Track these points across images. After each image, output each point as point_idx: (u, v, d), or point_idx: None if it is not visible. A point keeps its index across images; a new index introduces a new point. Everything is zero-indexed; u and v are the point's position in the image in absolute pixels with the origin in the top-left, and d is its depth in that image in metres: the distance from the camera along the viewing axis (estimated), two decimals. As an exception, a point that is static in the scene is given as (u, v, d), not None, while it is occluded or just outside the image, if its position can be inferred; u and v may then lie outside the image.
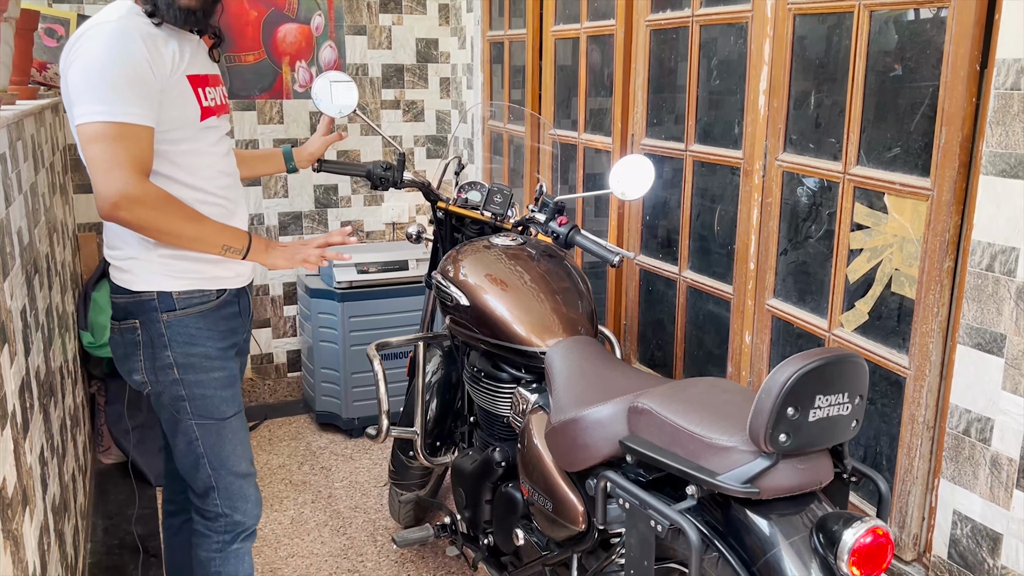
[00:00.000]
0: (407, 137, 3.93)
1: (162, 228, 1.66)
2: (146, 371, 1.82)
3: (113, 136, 1.58)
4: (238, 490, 1.91)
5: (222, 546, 1.92)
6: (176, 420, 1.85)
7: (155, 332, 1.79)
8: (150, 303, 1.78)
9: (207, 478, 1.88)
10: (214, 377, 1.85)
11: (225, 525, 1.91)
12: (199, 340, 1.82)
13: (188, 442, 1.86)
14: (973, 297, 1.55)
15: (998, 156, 1.49)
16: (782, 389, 1.26)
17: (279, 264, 1.86)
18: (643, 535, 1.41)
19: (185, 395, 1.83)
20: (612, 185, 2.11)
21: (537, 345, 1.95)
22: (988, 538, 1.58)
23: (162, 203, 1.65)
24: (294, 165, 2.26)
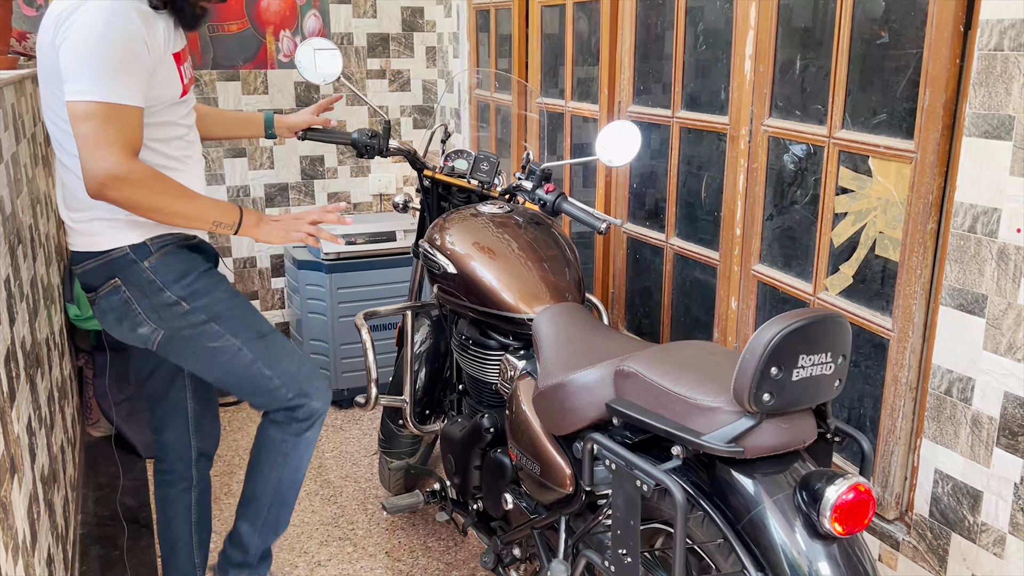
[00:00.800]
0: (393, 107, 3.90)
1: (151, 206, 1.66)
2: (151, 320, 1.80)
3: (104, 116, 1.59)
4: (304, 377, 1.91)
5: (299, 432, 1.94)
6: (210, 347, 1.83)
7: (143, 281, 1.78)
8: (124, 258, 1.77)
9: (268, 379, 1.87)
10: (225, 289, 1.86)
11: (304, 413, 1.91)
12: (189, 270, 1.82)
13: (232, 356, 1.84)
14: (956, 258, 1.57)
15: (981, 117, 1.49)
16: (766, 349, 1.28)
17: (271, 239, 1.85)
18: (629, 496, 1.43)
19: (207, 317, 1.82)
20: (599, 151, 2.10)
21: (525, 312, 1.96)
22: (968, 496, 1.60)
23: (151, 181, 1.64)
24: (273, 132, 2.24)
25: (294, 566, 2.51)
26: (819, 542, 1.30)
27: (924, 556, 1.70)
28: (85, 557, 2.54)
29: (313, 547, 2.60)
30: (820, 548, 1.30)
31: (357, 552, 2.58)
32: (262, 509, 1.99)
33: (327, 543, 2.63)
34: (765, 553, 1.32)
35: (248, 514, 2.01)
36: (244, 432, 3.35)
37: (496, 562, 2.06)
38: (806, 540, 1.30)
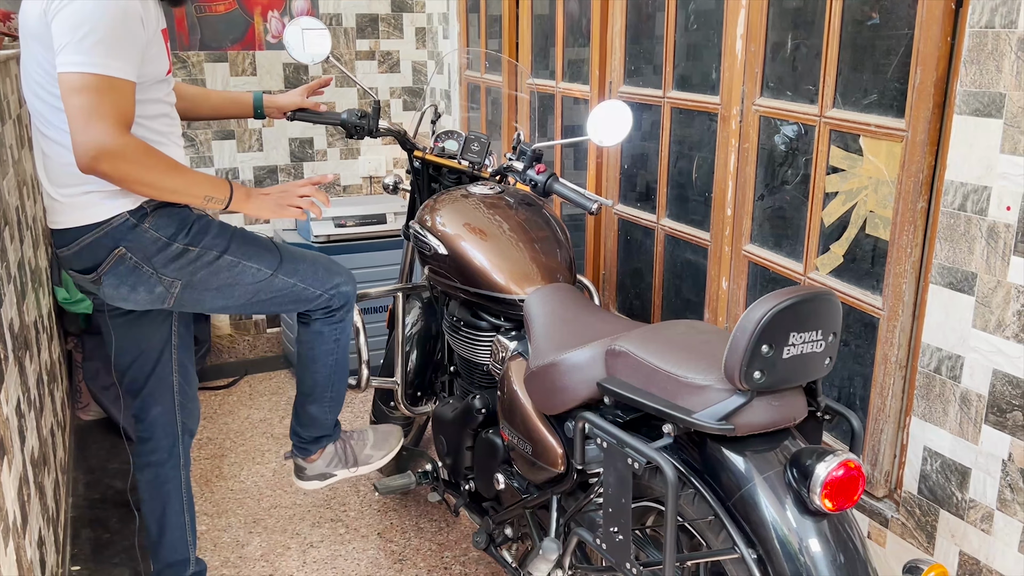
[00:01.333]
0: (383, 89, 3.88)
1: (144, 180, 1.66)
2: (166, 275, 1.81)
3: (98, 89, 1.57)
4: (324, 272, 2.01)
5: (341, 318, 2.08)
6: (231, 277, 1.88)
7: (148, 241, 1.78)
8: (125, 224, 1.76)
9: (294, 287, 1.95)
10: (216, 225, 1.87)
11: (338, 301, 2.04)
12: (184, 219, 1.83)
13: (254, 277, 1.90)
14: (945, 237, 1.57)
15: (972, 95, 1.49)
16: (757, 326, 1.28)
17: (262, 213, 1.85)
18: (621, 474, 1.43)
19: (218, 252, 1.85)
20: (590, 131, 2.10)
21: (516, 293, 1.96)
22: (957, 472, 1.62)
23: (143, 155, 1.64)
24: (262, 112, 2.22)
25: (286, 547, 2.51)
26: (809, 518, 1.31)
27: (912, 533, 1.72)
28: (76, 539, 2.53)
29: (305, 529, 2.61)
30: (810, 524, 1.30)
31: (349, 533, 2.59)
32: (327, 388, 2.16)
33: (319, 525, 2.63)
34: (756, 530, 1.33)
35: (314, 398, 2.16)
36: (234, 415, 3.34)
37: (488, 542, 2.07)
38: (796, 517, 1.31)
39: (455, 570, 2.41)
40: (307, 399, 2.18)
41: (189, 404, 2.07)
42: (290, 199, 1.88)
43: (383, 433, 2.34)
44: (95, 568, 2.41)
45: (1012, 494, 1.52)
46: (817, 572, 1.28)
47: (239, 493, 2.80)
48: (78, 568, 2.40)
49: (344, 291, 2.06)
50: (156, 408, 2.02)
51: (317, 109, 2.28)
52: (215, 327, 3.78)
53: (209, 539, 2.54)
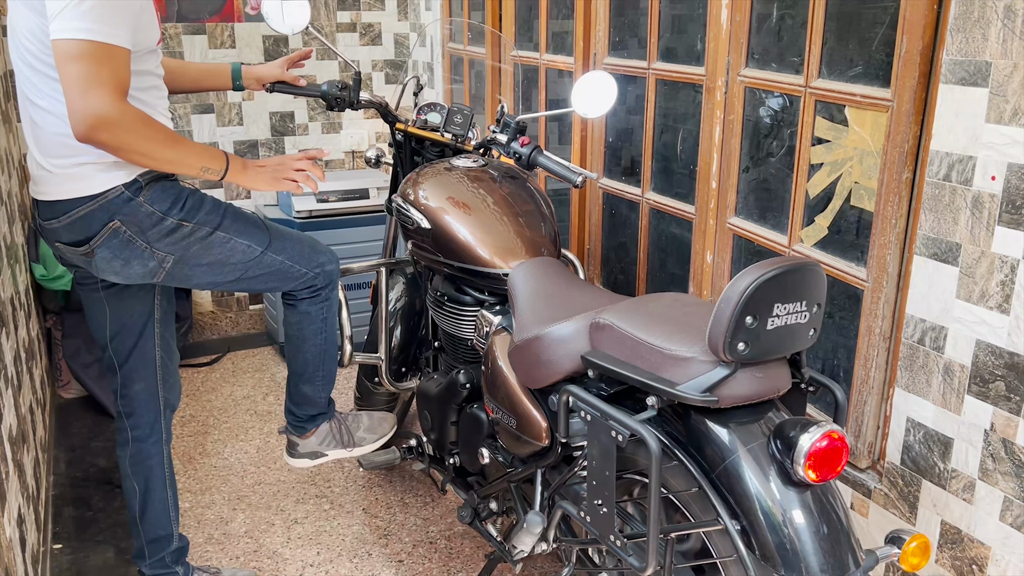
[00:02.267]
0: (364, 61, 3.82)
1: (140, 150, 1.63)
2: (159, 250, 1.79)
3: (95, 55, 1.54)
4: (309, 250, 2.01)
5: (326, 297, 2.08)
6: (222, 253, 1.87)
7: (143, 215, 1.76)
8: (120, 197, 1.74)
9: (282, 264, 1.96)
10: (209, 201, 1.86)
11: (323, 280, 2.04)
12: (178, 193, 1.81)
13: (244, 254, 1.90)
14: (930, 207, 1.57)
15: (958, 64, 1.48)
16: (741, 298, 1.27)
17: (259, 185, 1.84)
18: (604, 446, 1.43)
19: (210, 228, 1.84)
20: (574, 103, 2.07)
21: (500, 267, 1.94)
22: (939, 443, 1.62)
23: (141, 125, 1.61)
24: (241, 84, 2.18)
25: (270, 524, 2.50)
26: (793, 489, 1.31)
27: (895, 503, 1.73)
28: (59, 518, 2.52)
29: (289, 505, 2.60)
30: (794, 495, 1.31)
31: (334, 509, 2.58)
32: (319, 367, 2.16)
33: (303, 501, 2.62)
34: (739, 501, 1.33)
35: (306, 377, 2.16)
36: (217, 393, 3.32)
37: (473, 516, 2.07)
38: (780, 487, 1.31)
39: (440, 545, 2.41)
40: (299, 379, 2.18)
41: (170, 379, 2.06)
42: (286, 172, 1.87)
43: (378, 419, 2.35)
44: (78, 546, 2.39)
45: (994, 464, 1.53)
46: (800, 543, 1.28)
47: (223, 470, 2.79)
48: (60, 546, 2.39)
49: (329, 270, 2.06)
50: (138, 383, 2.00)
51: (296, 83, 2.24)
52: (196, 304, 3.74)
53: (193, 516, 2.53)
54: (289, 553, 2.38)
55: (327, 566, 2.33)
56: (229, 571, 2.24)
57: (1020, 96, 1.39)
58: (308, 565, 2.33)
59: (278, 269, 1.98)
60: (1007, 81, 1.41)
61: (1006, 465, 1.51)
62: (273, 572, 2.31)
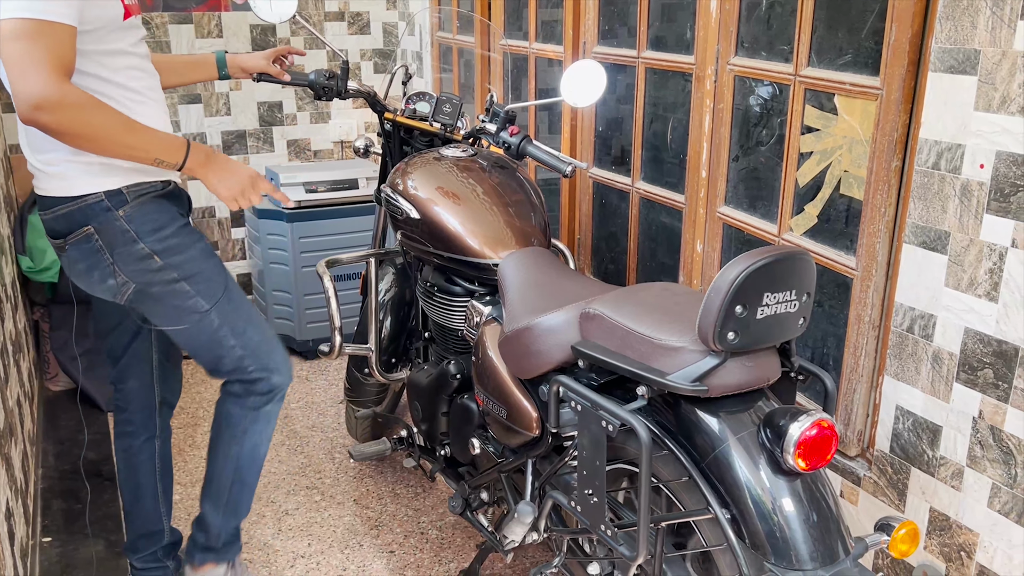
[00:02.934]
0: (353, 51, 3.80)
1: (86, 133, 1.54)
2: (122, 272, 1.72)
3: (32, 33, 1.47)
4: (267, 350, 1.87)
5: (257, 406, 1.90)
6: (179, 306, 1.77)
7: (117, 230, 1.69)
8: (99, 204, 1.68)
9: (231, 348, 1.82)
10: (197, 248, 1.78)
11: (264, 387, 1.88)
12: (165, 222, 1.74)
13: (200, 319, 1.78)
14: (919, 196, 1.57)
15: (947, 52, 1.48)
16: (730, 287, 1.27)
17: (219, 189, 1.72)
18: (595, 436, 1.43)
19: (179, 276, 1.75)
20: (563, 92, 2.06)
21: (490, 257, 1.93)
22: (928, 431, 1.63)
23: (86, 107, 1.53)
24: (227, 72, 2.16)
25: (261, 515, 2.50)
26: (783, 478, 1.31)
27: (884, 491, 1.74)
28: (47, 511, 2.50)
29: (280, 497, 2.60)
30: (784, 484, 1.31)
31: (325, 500, 2.58)
32: (223, 489, 1.95)
33: (294, 492, 2.62)
34: (730, 490, 1.33)
35: (210, 494, 1.97)
36: (208, 384, 3.31)
37: (464, 506, 2.07)
38: (770, 476, 1.31)
39: (431, 535, 2.42)
40: (206, 490, 1.97)
41: (169, 378, 2.04)
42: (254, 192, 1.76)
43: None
44: (67, 539, 2.38)
45: (982, 451, 1.53)
46: (790, 531, 1.28)
47: (213, 462, 2.77)
48: (49, 539, 2.38)
49: (274, 381, 1.88)
50: (132, 380, 1.98)
51: (280, 76, 2.22)
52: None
53: (183, 508, 2.52)
54: (280, 544, 2.38)
55: (318, 557, 2.33)
56: (220, 563, 2.23)
57: (1009, 84, 1.39)
58: (299, 556, 2.33)
59: (224, 353, 1.82)
60: (996, 69, 1.41)
61: (994, 452, 1.51)
62: (264, 563, 2.30)
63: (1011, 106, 1.39)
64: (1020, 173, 1.40)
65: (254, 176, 1.77)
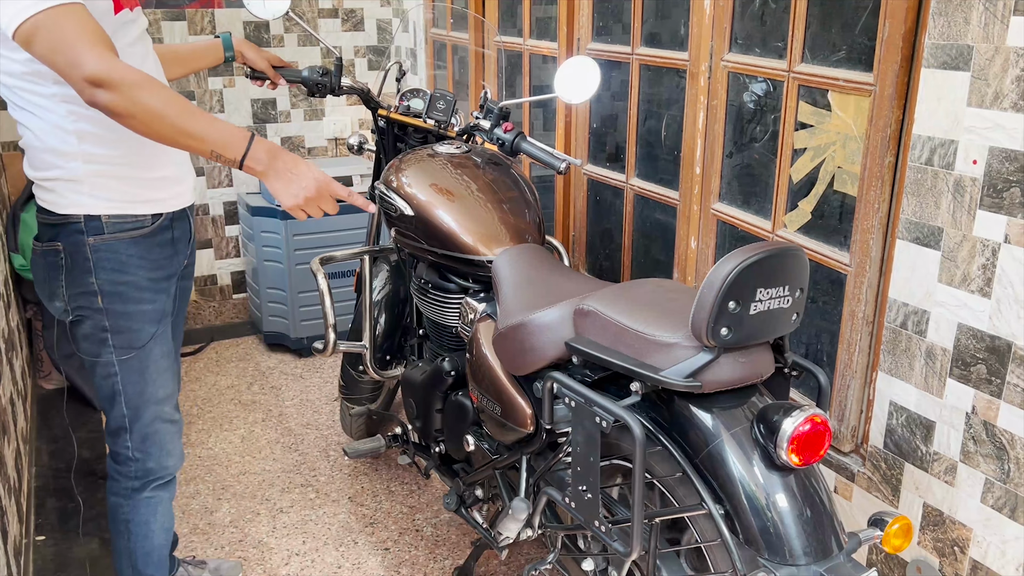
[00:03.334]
0: (347, 48, 3.79)
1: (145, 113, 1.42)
2: (68, 298, 1.67)
3: (50, 25, 1.40)
4: (155, 435, 1.76)
5: (131, 493, 1.79)
6: (96, 352, 1.70)
7: (80, 256, 1.64)
8: (76, 226, 1.63)
9: (121, 417, 1.74)
10: (142, 309, 1.69)
11: (135, 471, 1.77)
12: (128, 268, 1.66)
13: (106, 375, 1.72)
14: (913, 192, 1.57)
15: (939, 48, 1.48)
16: (723, 283, 1.27)
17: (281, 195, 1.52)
18: (589, 432, 1.43)
19: (108, 326, 1.67)
20: (557, 88, 2.06)
21: (484, 254, 1.93)
22: (922, 426, 1.63)
23: (142, 83, 1.41)
24: (232, 55, 2.12)
25: (256, 513, 2.50)
26: (776, 473, 1.31)
27: (878, 486, 1.74)
28: (41, 509, 2.50)
29: (275, 495, 2.59)
30: (777, 479, 1.31)
31: (320, 498, 2.58)
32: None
33: (289, 490, 2.62)
34: (723, 485, 1.33)
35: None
36: (201, 382, 3.30)
37: (459, 503, 2.07)
38: (763, 472, 1.31)
39: (426, 532, 2.41)
40: None
41: None
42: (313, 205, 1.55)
43: None
44: (61, 537, 2.38)
45: (975, 446, 1.54)
46: (784, 526, 1.29)
47: (207, 460, 2.77)
48: (43, 538, 2.37)
49: (148, 466, 1.77)
50: None
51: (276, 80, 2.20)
52: (180, 293, 3.71)
53: (178, 506, 2.51)
54: (275, 542, 2.38)
55: (313, 555, 2.32)
56: (214, 562, 2.23)
57: (1001, 80, 1.39)
58: (294, 554, 2.33)
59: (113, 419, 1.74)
60: (989, 65, 1.41)
61: (987, 447, 1.52)
62: (259, 562, 2.30)
63: (1004, 102, 1.40)
64: (1013, 169, 1.40)
65: (324, 181, 1.55)
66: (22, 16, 1.41)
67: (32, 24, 1.40)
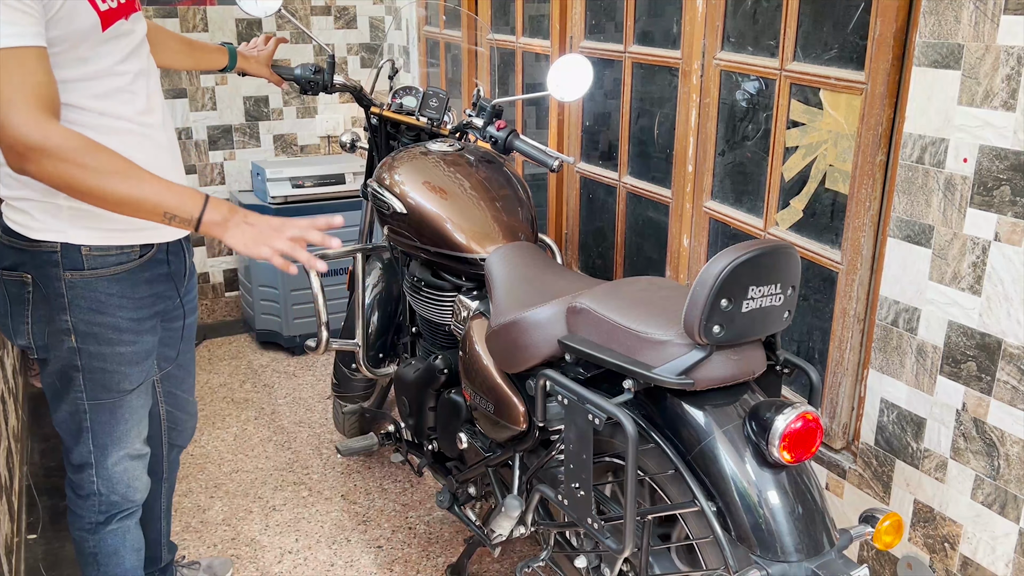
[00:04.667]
0: (339, 45, 3.78)
1: (80, 185, 1.29)
2: (34, 335, 1.50)
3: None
4: (122, 473, 1.65)
5: (95, 527, 1.67)
6: (63, 390, 1.55)
7: (52, 291, 1.46)
8: (50, 256, 1.44)
9: (87, 454, 1.61)
10: (119, 352, 1.53)
11: (99, 504, 1.65)
12: (107, 308, 1.49)
13: (73, 413, 1.57)
14: (903, 190, 1.58)
15: (931, 46, 1.49)
16: (716, 281, 1.27)
17: (238, 247, 1.40)
18: (581, 430, 1.43)
19: (80, 366, 1.52)
20: (550, 86, 2.06)
21: (477, 252, 1.93)
22: (912, 423, 1.64)
23: (78, 150, 1.28)
24: (233, 64, 2.10)
25: (248, 511, 2.49)
26: (768, 471, 1.32)
27: (869, 483, 1.75)
28: (33, 508, 2.49)
29: (267, 492, 2.59)
30: (769, 476, 1.31)
31: (312, 496, 2.57)
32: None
33: (281, 488, 2.61)
34: (715, 482, 1.34)
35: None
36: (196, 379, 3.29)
37: (452, 501, 2.07)
38: (755, 469, 1.32)
39: (419, 530, 2.41)
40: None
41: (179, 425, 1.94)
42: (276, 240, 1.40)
43: None
44: (52, 536, 2.37)
45: (965, 443, 1.55)
46: (776, 523, 1.29)
47: (199, 458, 2.77)
48: (35, 537, 2.36)
49: (113, 500, 1.64)
50: None
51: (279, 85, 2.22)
52: (172, 291, 3.70)
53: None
54: (267, 540, 2.37)
55: (305, 553, 2.32)
56: (207, 560, 2.22)
57: (992, 78, 1.40)
58: (286, 552, 2.33)
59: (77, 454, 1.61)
60: (979, 63, 1.42)
61: (977, 444, 1.53)
62: (251, 559, 2.30)
63: (994, 100, 1.40)
64: (1003, 167, 1.41)
65: (278, 224, 1.43)
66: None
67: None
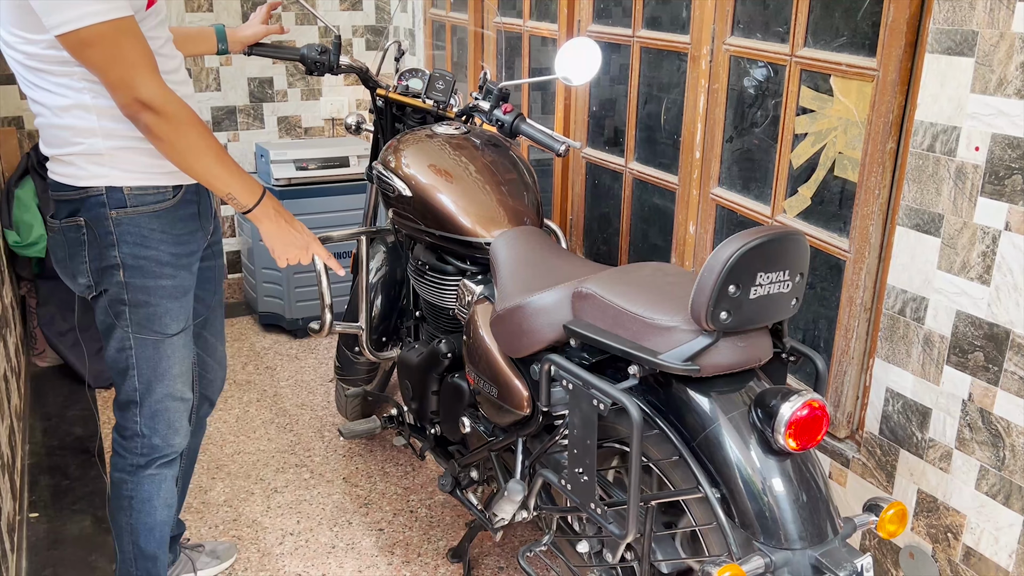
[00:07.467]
0: (345, 27, 3.76)
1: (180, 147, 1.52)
2: (92, 272, 1.66)
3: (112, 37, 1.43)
4: (164, 413, 1.76)
5: (135, 469, 1.78)
6: (112, 325, 1.69)
7: (102, 231, 1.63)
8: (97, 199, 1.61)
9: (132, 391, 1.73)
10: (162, 285, 1.68)
11: (141, 447, 1.76)
12: (151, 242, 1.65)
13: (120, 349, 1.71)
14: (914, 178, 1.56)
15: (944, 33, 1.47)
16: (724, 266, 1.26)
17: (274, 243, 1.70)
18: (586, 415, 1.42)
19: (127, 299, 1.66)
20: (558, 70, 2.04)
21: (482, 236, 1.92)
22: (917, 413, 1.63)
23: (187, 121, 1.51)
24: (226, 47, 2.12)
25: (250, 493, 2.50)
26: (773, 458, 1.31)
27: (873, 472, 1.74)
28: (35, 487, 2.49)
29: (269, 474, 2.59)
30: (774, 463, 1.31)
31: (314, 478, 2.58)
32: (129, 562, 1.84)
33: (283, 470, 2.61)
34: (720, 469, 1.34)
35: (120, 569, 1.86)
36: (197, 362, 3.29)
37: (454, 485, 2.07)
38: (760, 456, 1.31)
39: (421, 513, 2.42)
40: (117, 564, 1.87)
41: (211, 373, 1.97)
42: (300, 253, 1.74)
43: None
44: (54, 514, 2.38)
45: (970, 433, 1.54)
46: (780, 510, 1.29)
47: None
48: (37, 515, 2.37)
49: (154, 443, 1.76)
50: None
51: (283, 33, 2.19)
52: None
53: (172, 485, 2.51)
54: (269, 522, 2.38)
55: (307, 535, 2.33)
56: (211, 544, 2.22)
57: (1006, 66, 1.39)
58: (288, 534, 2.33)
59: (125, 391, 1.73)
60: (993, 51, 1.40)
61: (982, 435, 1.52)
62: (252, 540, 2.30)
63: (1008, 88, 1.39)
64: (1015, 156, 1.39)
65: (310, 241, 1.75)
66: (82, 23, 1.41)
67: (93, 33, 1.42)
